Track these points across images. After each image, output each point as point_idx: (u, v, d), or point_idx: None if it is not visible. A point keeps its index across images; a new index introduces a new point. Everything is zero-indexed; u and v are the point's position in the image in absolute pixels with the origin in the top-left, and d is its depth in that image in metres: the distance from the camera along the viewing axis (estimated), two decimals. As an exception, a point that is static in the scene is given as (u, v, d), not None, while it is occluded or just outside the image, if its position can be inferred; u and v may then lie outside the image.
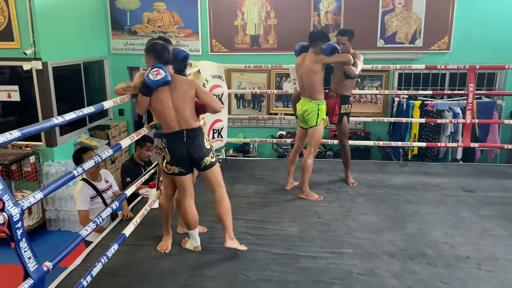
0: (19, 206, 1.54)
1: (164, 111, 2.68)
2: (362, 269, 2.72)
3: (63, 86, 5.96)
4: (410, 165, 4.99)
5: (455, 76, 6.51)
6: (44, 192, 1.65)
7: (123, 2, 6.96)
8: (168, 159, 2.77)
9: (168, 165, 2.78)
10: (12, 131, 1.51)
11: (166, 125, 2.72)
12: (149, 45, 2.70)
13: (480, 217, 3.49)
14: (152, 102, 2.69)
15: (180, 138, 2.71)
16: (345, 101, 4.13)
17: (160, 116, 2.72)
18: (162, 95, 2.67)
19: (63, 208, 5.68)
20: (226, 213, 2.88)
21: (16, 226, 1.52)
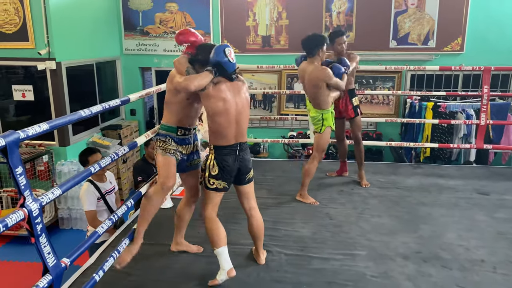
0: (38, 201, 1.56)
1: (225, 122, 2.49)
2: (376, 271, 2.70)
3: (76, 86, 6.02)
4: (423, 167, 4.94)
5: (469, 77, 6.45)
6: (62, 188, 1.67)
7: (135, 2, 7.01)
8: (215, 172, 2.55)
9: (213, 179, 2.56)
10: (40, 124, 1.54)
11: (222, 138, 2.53)
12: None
13: (495, 220, 3.44)
14: (210, 104, 2.48)
15: (233, 152, 2.56)
16: (353, 95, 4.16)
17: (218, 126, 2.51)
18: (225, 98, 2.48)
19: (75, 207, 5.73)
20: (262, 230, 2.77)
21: (36, 221, 1.55)
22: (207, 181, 2.58)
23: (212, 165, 2.55)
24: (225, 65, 2.46)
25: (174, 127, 2.62)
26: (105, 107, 1.97)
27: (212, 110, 2.49)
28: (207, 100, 2.49)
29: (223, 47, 2.46)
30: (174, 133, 2.62)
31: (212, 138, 2.57)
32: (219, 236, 2.56)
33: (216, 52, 2.44)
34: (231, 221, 3.40)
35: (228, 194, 3.96)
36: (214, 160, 2.55)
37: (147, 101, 7.85)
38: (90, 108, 1.84)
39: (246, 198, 2.73)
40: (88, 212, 3.50)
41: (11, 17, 5.47)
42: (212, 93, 2.47)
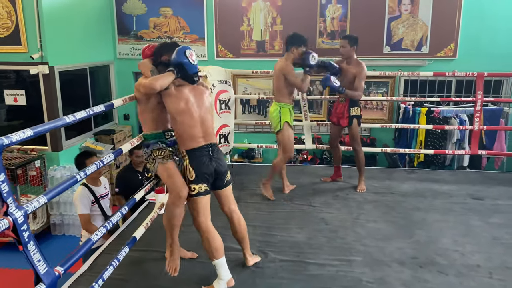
0: (22, 209, 1.53)
1: (189, 121, 2.48)
2: (372, 277, 2.69)
3: (69, 90, 5.97)
4: (417, 172, 4.96)
5: (461, 83, 6.50)
6: (47, 196, 1.64)
7: (129, 7, 6.98)
8: (192, 177, 2.49)
9: (192, 184, 2.49)
10: (24, 130, 1.51)
11: (191, 138, 2.50)
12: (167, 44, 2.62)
13: (490, 225, 3.45)
14: (172, 104, 2.48)
15: (206, 153, 2.52)
16: (353, 104, 4.13)
17: (183, 127, 2.49)
18: (187, 98, 2.50)
19: (68, 213, 5.67)
20: (246, 231, 2.74)
21: (22, 229, 1.52)
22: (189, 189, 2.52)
23: (188, 171, 2.50)
24: (186, 65, 2.46)
25: (160, 133, 2.61)
26: (89, 113, 1.95)
27: (174, 110, 2.49)
28: (169, 99, 2.50)
29: (184, 48, 2.47)
30: (163, 137, 2.61)
31: (182, 143, 2.53)
32: (217, 248, 2.50)
33: (177, 53, 2.45)
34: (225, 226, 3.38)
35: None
36: (189, 165, 2.50)
37: (141, 106, 7.81)
38: (74, 114, 1.83)
39: (227, 201, 2.70)
40: (82, 216, 3.47)
41: (4, 21, 5.42)
42: (174, 92, 2.50)
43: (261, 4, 6.67)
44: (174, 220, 2.58)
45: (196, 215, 2.55)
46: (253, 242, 3.08)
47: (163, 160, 2.55)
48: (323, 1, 6.54)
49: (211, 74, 4.17)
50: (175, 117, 2.50)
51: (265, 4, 6.67)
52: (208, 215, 2.57)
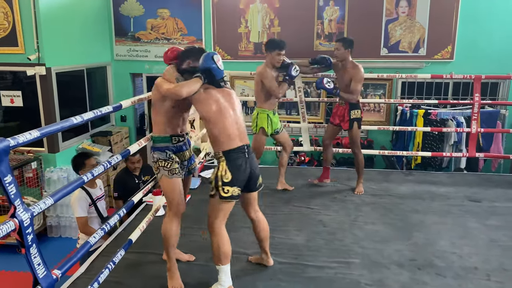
0: (29, 211, 1.52)
1: (224, 122, 2.45)
2: (370, 279, 2.69)
3: (66, 92, 5.95)
4: (414, 174, 4.96)
5: (459, 85, 6.52)
6: (54, 198, 1.63)
7: (127, 8, 6.97)
8: (227, 179, 2.44)
9: (227, 186, 2.42)
10: (31, 131, 1.49)
11: (228, 139, 2.47)
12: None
13: (487, 227, 3.46)
14: (204, 107, 2.46)
15: (242, 154, 2.48)
16: (353, 107, 4.13)
17: (219, 128, 2.45)
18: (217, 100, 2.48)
19: (64, 215, 5.64)
20: (268, 230, 2.76)
21: (27, 232, 1.50)
22: (221, 190, 2.43)
23: (224, 172, 2.44)
24: (214, 71, 2.46)
25: (167, 137, 2.58)
26: (97, 114, 1.94)
27: (207, 113, 2.46)
28: (199, 104, 2.48)
29: (212, 54, 2.47)
30: (169, 142, 2.58)
31: (218, 145, 2.48)
32: (226, 253, 2.47)
33: (205, 58, 2.45)
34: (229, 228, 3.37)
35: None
36: (226, 167, 2.44)
37: (138, 108, 7.79)
38: (82, 115, 1.80)
39: (253, 204, 2.68)
40: (79, 219, 3.45)
41: (0, 22, 5.40)
42: (203, 96, 2.47)
43: (259, 6, 6.67)
44: (172, 239, 2.57)
45: (214, 217, 2.50)
46: (251, 245, 3.08)
47: (169, 174, 2.53)
48: (321, 3, 6.55)
49: (209, 76, 4.16)
50: (209, 119, 2.46)
51: (263, 6, 6.67)
52: (225, 220, 2.54)
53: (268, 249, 2.81)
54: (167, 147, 2.57)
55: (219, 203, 2.48)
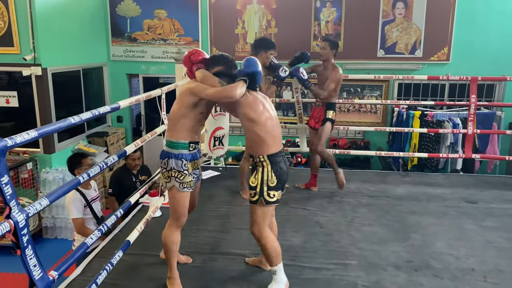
0: (25, 212, 1.50)
1: (271, 123, 2.45)
2: (367, 281, 2.69)
3: (62, 92, 5.93)
4: (411, 175, 4.97)
5: (455, 87, 6.54)
6: (50, 198, 1.61)
7: (123, 9, 6.95)
8: (273, 184, 2.43)
9: (272, 191, 2.42)
10: (28, 131, 1.48)
11: (274, 142, 2.46)
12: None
13: (484, 229, 3.47)
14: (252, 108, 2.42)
15: (282, 158, 2.48)
16: (330, 108, 4.15)
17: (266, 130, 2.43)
18: (262, 102, 2.47)
19: (60, 216, 5.62)
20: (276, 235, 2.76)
21: (22, 233, 1.49)
22: (267, 195, 2.41)
23: (270, 176, 2.42)
24: (258, 76, 2.47)
25: (186, 144, 2.48)
26: (95, 114, 1.92)
27: (255, 114, 2.42)
28: (248, 106, 2.43)
29: (255, 59, 2.47)
30: (187, 149, 2.48)
31: (263, 147, 2.44)
32: (279, 253, 2.49)
33: (251, 63, 2.44)
34: (222, 230, 3.37)
35: (218, 203, 3.95)
36: (271, 171, 2.42)
37: (134, 108, 7.77)
38: (80, 115, 1.79)
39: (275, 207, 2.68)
40: (76, 220, 3.42)
41: (-4, 22, 5.38)
42: (251, 99, 2.45)
43: (256, 7, 6.68)
44: (172, 247, 2.53)
45: (261, 221, 2.47)
46: (247, 246, 3.07)
47: (180, 186, 2.47)
48: (318, 5, 6.56)
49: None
50: (257, 121, 2.42)
51: (260, 7, 6.67)
52: (268, 223, 2.54)
53: None
54: (183, 155, 2.48)
55: (264, 208, 2.46)
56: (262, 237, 2.46)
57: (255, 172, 2.47)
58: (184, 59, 2.59)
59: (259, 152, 2.44)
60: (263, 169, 2.43)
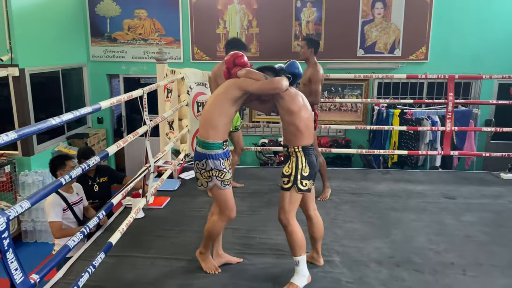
0: (5, 215, 1.48)
1: (309, 116, 2.58)
2: (351, 277, 2.72)
3: (40, 93, 5.83)
4: (391, 173, 5.05)
5: (433, 85, 6.67)
6: (31, 200, 1.58)
7: (103, 8, 6.87)
8: (306, 173, 2.54)
9: (305, 180, 2.53)
10: (8, 133, 1.45)
11: (309, 134, 2.57)
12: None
13: (462, 224, 3.55)
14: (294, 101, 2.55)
15: (313, 151, 2.61)
16: None
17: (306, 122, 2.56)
18: (300, 96, 2.60)
19: (40, 219, 5.52)
20: (323, 231, 2.87)
21: (3, 236, 1.46)
22: (300, 183, 2.52)
23: (304, 166, 2.54)
24: (298, 77, 2.72)
25: (220, 143, 2.51)
26: (77, 115, 1.90)
27: (297, 106, 2.54)
28: (290, 98, 2.55)
29: (297, 62, 2.73)
30: (221, 149, 2.51)
31: (300, 138, 2.54)
32: (304, 243, 2.56)
33: (294, 65, 2.71)
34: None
35: (201, 203, 3.94)
36: (305, 161, 2.54)
37: (115, 109, 7.69)
38: (61, 116, 1.76)
39: (312, 199, 2.76)
40: (53, 223, 3.33)
41: (-29, 22, 5.25)
42: (293, 91, 2.59)
43: (237, 7, 6.68)
44: (215, 237, 2.70)
45: (291, 210, 2.56)
46: (232, 245, 3.08)
47: (222, 184, 2.54)
48: (298, 5, 6.61)
49: (188, 76, 4.15)
50: (298, 112, 2.53)
51: (241, 7, 6.68)
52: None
53: (320, 249, 2.86)
54: (220, 155, 2.51)
55: (295, 195, 2.55)
56: (289, 224, 2.54)
57: (289, 162, 2.57)
58: (227, 60, 2.72)
59: (295, 143, 2.55)
60: (297, 159, 2.54)
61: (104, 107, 2.24)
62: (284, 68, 2.70)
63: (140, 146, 6.61)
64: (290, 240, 2.56)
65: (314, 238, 2.83)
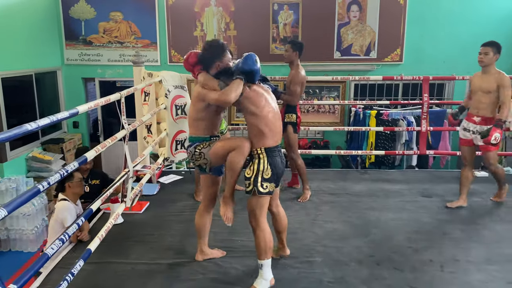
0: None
1: (272, 116, 2.54)
2: (332, 277, 2.75)
3: (13, 98, 5.68)
4: (369, 173, 5.13)
5: (408, 86, 6.81)
6: (8, 208, 1.54)
7: (77, 11, 6.75)
8: (267, 176, 2.50)
9: (266, 182, 2.50)
10: None
11: (273, 136, 2.54)
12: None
13: (439, 221, 3.63)
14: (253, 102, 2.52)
15: (278, 153, 2.57)
16: (288, 111, 4.08)
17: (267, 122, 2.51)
18: (264, 96, 2.56)
19: (15, 227, 5.35)
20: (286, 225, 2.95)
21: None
22: (260, 186, 2.50)
23: (265, 168, 2.50)
24: (256, 73, 2.56)
25: (207, 137, 2.67)
26: (53, 120, 1.85)
27: (257, 107, 2.51)
28: (248, 101, 2.53)
29: (254, 56, 2.55)
30: (208, 141, 2.67)
31: (262, 140, 2.52)
32: (270, 247, 2.58)
33: (249, 61, 2.53)
34: (185, 234, 3.34)
35: (181, 207, 3.90)
36: (267, 163, 2.50)
37: (91, 113, 7.55)
38: (37, 121, 1.72)
39: (276, 198, 2.78)
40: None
41: None
42: (252, 94, 2.53)
43: (214, 9, 6.67)
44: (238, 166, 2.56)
45: (258, 214, 2.56)
46: (214, 248, 3.06)
47: (211, 146, 2.63)
48: (276, 7, 6.64)
49: (166, 79, 4.11)
50: (259, 114, 2.50)
51: (218, 10, 6.67)
52: (266, 215, 2.61)
53: (285, 239, 2.94)
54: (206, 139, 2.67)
55: (258, 198, 2.54)
56: (259, 228, 2.56)
57: (251, 164, 2.56)
58: (184, 64, 2.75)
59: (257, 144, 2.53)
60: (259, 160, 2.52)
61: (81, 111, 2.20)
62: (239, 65, 2.56)
63: (117, 151, 6.50)
64: (257, 243, 2.57)
65: (279, 231, 2.89)
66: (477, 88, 3.76)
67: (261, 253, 2.55)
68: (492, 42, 3.70)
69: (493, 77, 3.66)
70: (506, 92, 3.60)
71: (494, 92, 3.64)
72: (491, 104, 3.70)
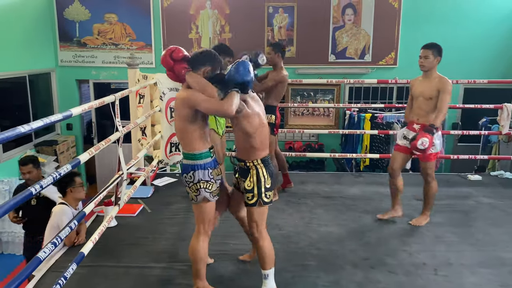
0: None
1: (265, 132, 2.45)
2: (327, 280, 2.75)
3: (6, 100, 5.65)
4: (364, 176, 5.13)
5: (402, 89, 6.84)
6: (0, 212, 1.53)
7: (71, 13, 6.72)
8: (269, 185, 2.47)
9: (268, 192, 2.46)
10: None
11: (264, 148, 2.46)
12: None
13: (432, 225, 3.64)
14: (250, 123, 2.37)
15: (270, 161, 2.53)
16: (268, 111, 3.94)
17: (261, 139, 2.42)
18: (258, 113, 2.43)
19: (6, 230, 5.32)
20: None
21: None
22: (264, 196, 2.45)
23: (266, 178, 2.45)
24: (250, 83, 2.36)
25: (208, 151, 2.40)
26: (47, 122, 1.84)
27: (252, 128, 2.38)
28: (246, 120, 2.36)
29: (247, 64, 2.32)
30: (210, 157, 2.40)
31: (255, 154, 2.43)
32: (273, 256, 2.54)
33: (243, 71, 2.30)
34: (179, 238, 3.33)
35: (175, 210, 3.89)
36: (265, 173, 2.46)
37: (84, 115, 7.51)
38: (30, 124, 1.70)
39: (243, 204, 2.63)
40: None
41: None
42: (248, 111, 2.37)
43: (209, 12, 6.67)
44: (204, 258, 2.51)
45: (260, 223, 2.51)
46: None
47: (211, 196, 2.42)
48: (271, 10, 6.66)
49: (161, 82, 4.09)
50: (253, 134, 2.38)
51: (213, 12, 6.68)
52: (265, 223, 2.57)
53: None
54: (209, 164, 2.40)
55: (262, 209, 2.49)
56: (263, 238, 2.50)
57: (249, 176, 2.46)
58: (163, 58, 2.49)
59: (253, 156, 2.45)
60: (258, 172, 2.45)
61: (75, 113, 2.19)
62: (231, 75, 2.31)
63: (110, 153, 6.48)
64: (260, 253, 2.52)
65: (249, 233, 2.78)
66: (418, 94, 3.59)
67: (267, 263, 2.51)
68: (432, 44, 3.56)
69: (434, 82, 3.49)
70: (444, 97, 3.41)
71: (435, 98, 3.44)
72: (432, 111, 3.47)
